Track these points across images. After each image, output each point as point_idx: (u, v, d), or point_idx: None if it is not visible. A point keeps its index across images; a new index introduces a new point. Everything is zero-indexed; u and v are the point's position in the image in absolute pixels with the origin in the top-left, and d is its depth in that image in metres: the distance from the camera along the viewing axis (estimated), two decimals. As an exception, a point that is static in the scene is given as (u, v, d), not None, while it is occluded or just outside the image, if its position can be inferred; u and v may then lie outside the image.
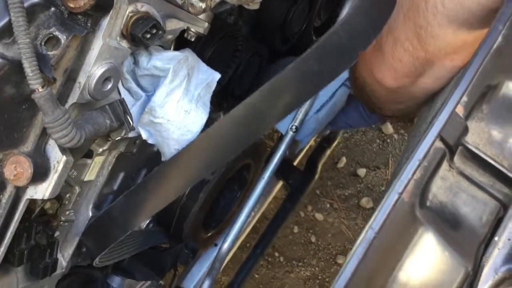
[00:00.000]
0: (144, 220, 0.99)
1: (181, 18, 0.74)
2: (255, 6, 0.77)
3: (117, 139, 0.72)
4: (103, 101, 0.69)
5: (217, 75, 0.82)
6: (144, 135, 0.79)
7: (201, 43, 0.87)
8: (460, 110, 0.63)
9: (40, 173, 0.65)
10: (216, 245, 1.26)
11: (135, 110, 0.76)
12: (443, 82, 0.81)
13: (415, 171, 0.62)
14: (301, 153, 1.64)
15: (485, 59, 0.64)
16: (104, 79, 0.66)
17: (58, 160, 0.66)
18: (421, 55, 0.79)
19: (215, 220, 1.17)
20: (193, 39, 0.78)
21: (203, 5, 0.69)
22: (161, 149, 0.81)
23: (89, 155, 0.79)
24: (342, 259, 2.07)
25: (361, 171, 2.27)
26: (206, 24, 0.79)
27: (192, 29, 0.77)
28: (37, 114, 0.64)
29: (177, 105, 0.76)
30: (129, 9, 0.65)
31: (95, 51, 0.63)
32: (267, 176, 1.03)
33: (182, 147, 0.78)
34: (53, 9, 0.61)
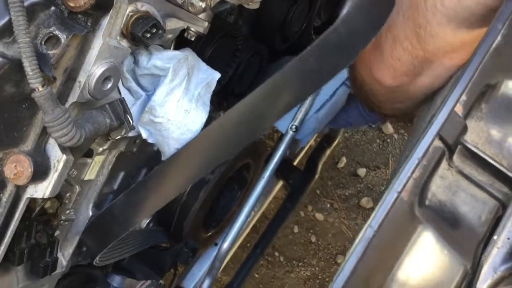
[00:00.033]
0: (144, 218, 0.99)
1: (181, 17, 0.74)
2: (255, 5, 0.77)
3: (117, 138, 0.73)
4: (103, 100, 0.69)
5: (217, 75, 0.82)
6: (144, 134, 0.79)
7: (201, 42, 0.87)
8: (459, 109, 0.63)
9: (40, 172, 0.65)
10: (216, 245, 1.26)
11: (135, 109, 0.76)
12: (442, 81, 0.81)
13: (414, 170, 0.61)
14: (301, 152, 1.65)
15: (484, 58, 0.64)
16: (104, 78, 0.66)
17: (58, 159, 0.66)
18: (420, 54, 0.78)
19: (215, 219, 1.17)
20: (193, 39, 0.78)
21: (203, 5, 0.69)
22: (161, 149, 0.81)
23: (89, 154, 0.79)
24: (342, 259, 2.07)
25: (361, 171, 2.27)
26: (206, 23, 0.79)
27: (192, 29, 0.77)
28: (37, 113, 0.64)
29: (177, 105, 0.76)
30: (129, 9, 0.65)
31: (95, 50, 0.64)
32: (267, 175, 1.03)
33: (182, 146, 0.78)
34: (53, 8, 0.61)
